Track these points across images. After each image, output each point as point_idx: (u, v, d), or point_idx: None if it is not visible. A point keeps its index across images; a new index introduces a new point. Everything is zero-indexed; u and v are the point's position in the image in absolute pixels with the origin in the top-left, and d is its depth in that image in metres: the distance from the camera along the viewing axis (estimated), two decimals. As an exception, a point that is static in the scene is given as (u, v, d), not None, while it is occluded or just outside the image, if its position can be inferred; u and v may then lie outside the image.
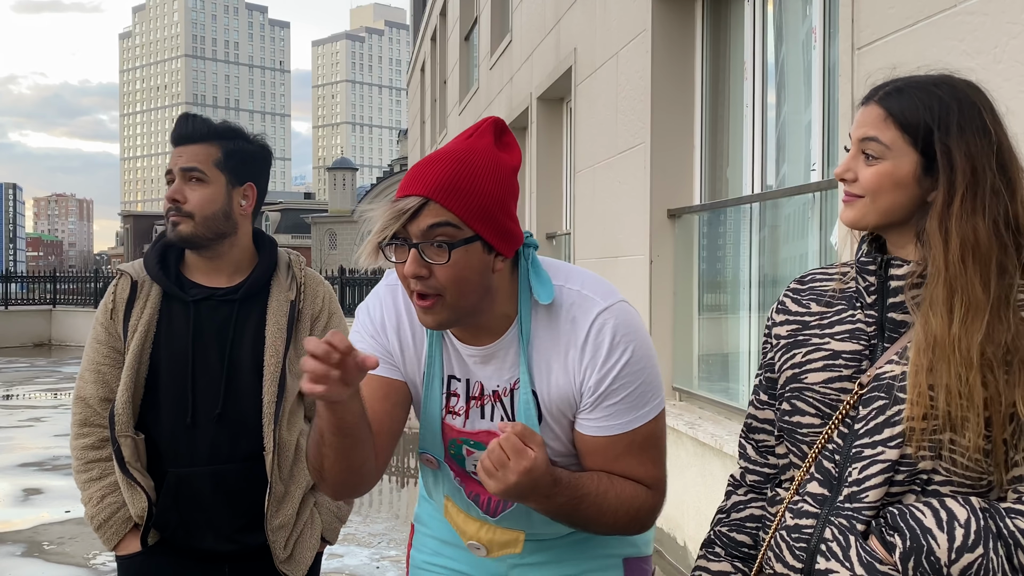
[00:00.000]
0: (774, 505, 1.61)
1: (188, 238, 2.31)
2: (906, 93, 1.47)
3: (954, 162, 1.42)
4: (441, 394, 1.84)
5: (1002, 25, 2.81)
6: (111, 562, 5.66)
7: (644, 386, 1.76)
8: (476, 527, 1.93)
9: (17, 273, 27.42)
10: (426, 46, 23.11)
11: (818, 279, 1.64)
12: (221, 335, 2.32)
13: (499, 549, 1.93)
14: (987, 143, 1.42)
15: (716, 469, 4.81)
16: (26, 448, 9.66)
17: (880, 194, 1.47)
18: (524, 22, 10.64)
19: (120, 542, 2.35)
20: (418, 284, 1.66)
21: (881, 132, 1.47)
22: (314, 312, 2.44)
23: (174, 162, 2.32)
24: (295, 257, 2.49)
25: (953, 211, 1.41)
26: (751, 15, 5.34)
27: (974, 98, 1.46)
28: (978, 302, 1.38)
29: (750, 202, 5.24)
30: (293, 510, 2.37)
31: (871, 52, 3.47)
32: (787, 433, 1.58)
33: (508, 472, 1.58)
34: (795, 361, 1.57)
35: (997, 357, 1.36)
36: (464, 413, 1.83)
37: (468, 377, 1.82)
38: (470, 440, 1.83)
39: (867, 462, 1.43)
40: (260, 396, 2.31)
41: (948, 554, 1.34)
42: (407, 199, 1.64)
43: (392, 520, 7.01)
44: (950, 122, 1.43)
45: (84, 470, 2.36)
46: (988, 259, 1.39)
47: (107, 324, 2.35)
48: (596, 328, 1.75)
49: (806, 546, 1.48)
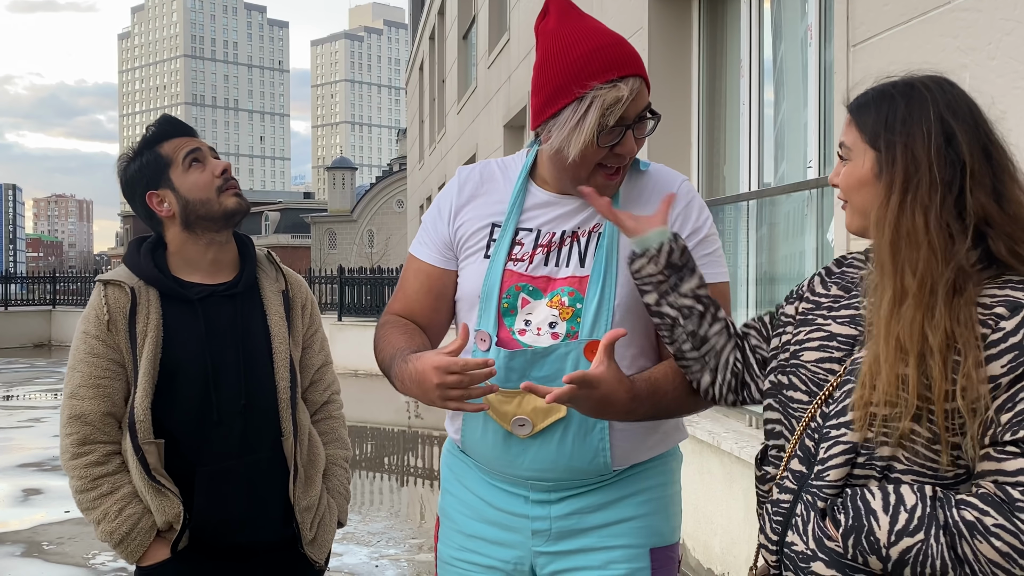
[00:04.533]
0: (765, 483, 1.66)
1: (245, 209, 2.38)
2: (868, 95, 1.56)
3: (894, 156, 1.48)
4: (510, 243, 1.94)
5: (996, 22, 2.81)
6: (111, 562, 5.67)
7: (720, 251, 1.98)
8: (518, 402, 1.88)
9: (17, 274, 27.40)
10: (424, 45, 23.12)
11: (854, 264, 1.69)
12: (232, 329, 2.34)
13: (543, 418, 1.88)
14: (932, 137, 1.46)
15: (714, 467, 4.81)
16: (26, 448, 9.68)
17: (851, 194, 1.56)
18: (522, 20, 10.64)
19: (146, 553, 2.27)
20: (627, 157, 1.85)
21: (847, 135, 1.57)
22: (302, 300, 2.52)
23: (195, 144, 2.37)
24: (269, 251, 2.57)
25: (891, 203, 1.47)
26: (747, 13, 5.34)
27: (927, 93, 1.50)
28: (905, 290, 1.42)
29: (747, 199, 5.25)
30: (316, 492, 2.42)
31: (866, 49, 3.47)
32: (783, 404, 1.62)
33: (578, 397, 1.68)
34: (799, 338, 1.63)
35: (938, 344, 1.39)
36: (528, 259, 1.92)
37: (541, 228, 1.94)
38: (528, 286, 1.91)
39: (832, 442, 1.49)
40: (274, 384, 2.35)
41: (888, 536, 1.39)
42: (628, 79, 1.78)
43: (391, 519, 7.01)
44: (895, 119, 1.49)
45: (92, 488, 2.24)
46: (919, 247, 1.43)
47: (104, 337, 2.27)
48: (685, 189, 1.97)
49: (781, 519, 1.55)
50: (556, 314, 1.89)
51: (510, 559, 1.98)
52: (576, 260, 1.90)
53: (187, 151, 2.34)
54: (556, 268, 1.90)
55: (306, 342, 2.52)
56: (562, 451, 1.89)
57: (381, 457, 9.97)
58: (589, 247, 1.90)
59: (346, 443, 2.60)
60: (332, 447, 2.55)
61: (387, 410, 12.91)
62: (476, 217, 1.99)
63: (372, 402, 13.01)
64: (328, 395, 2.59)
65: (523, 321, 1.89)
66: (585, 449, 1.89)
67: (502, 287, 1.91)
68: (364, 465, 9.25)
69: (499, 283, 1.91)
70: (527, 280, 1.91)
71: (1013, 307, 1.40)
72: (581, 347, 1.87)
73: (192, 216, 2.33)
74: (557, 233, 1.92)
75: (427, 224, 2.05)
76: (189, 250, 2.36)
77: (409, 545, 6.11)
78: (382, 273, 19.50)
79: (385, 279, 19.07)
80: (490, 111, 13.30)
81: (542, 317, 1.89)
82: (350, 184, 60.49)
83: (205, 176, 2.34)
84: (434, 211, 2.05)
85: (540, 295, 1.89)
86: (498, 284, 1.91)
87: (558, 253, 1.91)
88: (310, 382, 2.54)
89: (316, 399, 2.55)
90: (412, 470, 9.34)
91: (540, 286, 1.90)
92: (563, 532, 1.94)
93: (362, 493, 8.01)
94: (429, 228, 2.05)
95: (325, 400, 2.58)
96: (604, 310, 1.87)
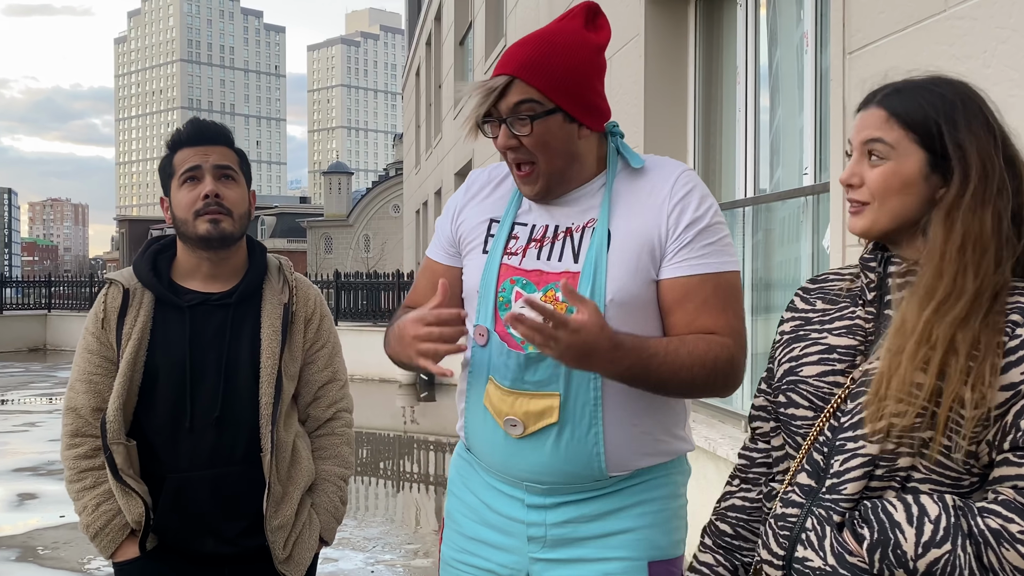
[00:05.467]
0: (770, 500, 1.63)
1: (229, 235, 2.31)
2: (906, 93, 1.48)
3: (967, 156, 1.42)
4: (507, 238, 1.98)
5: (991, 30, 2.82)
6: (105, 567, 5.66)
7: (727, 239, 1.91)
8: (511, 401, 1.89)
9: (12, 278, 27.36)
10: (421, 50, 23.13)
11: (831, 279, 1.66)
12: (218, 339, 2.32)
13: (535, 422, 1.88)
14: (992, 138, 1.44)
15: (710, 472, 4.81)
16: (20, 453, 9.65)
17: (888, 196, 1.47)
18: (518, 26, 10.65)
19: (117, 549, 2.33)
20: (512, 154, 1.88)
21: (885, 133, 1.47)
22: (307, 314, 2.46)
23: (200, 159, 2.30)
24: (285, 261, 2.51)
25: (964, 203, 1.41)
26: (744, 19, 5.35)
27: (973, 95, 1.48)
28: (963, 289, 1.39)
29: (743, 206, 5.26)
30: (292, 511, 2.38)
31: (862, 56, 3.48)
32: (783, 424, 1.60)
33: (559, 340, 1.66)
34: (793, 355, 1.59)
35: (965, 345, 1.37)
36: (521, 252, 1.95)
37: (535, 222, 1.97)
38: (522, 279, 1.93)
39: (848, 455, 1.45)
40: (257, 398, 2.31)
41: (915, 548, 1.35)
42: (496, 79, 1.85)
43: (387, 524, 7.00)
44: (957, 118, 1.44)
45: (77, 479, 2.33)
46: (986, 250, 1.40)
47: (98, 334, 2.34)
48: (683, 180, 1.91)
49: (789, 534, 1.50)
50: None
51: (507, 564, 1.98)
52: (570, 255, 1.90)
53: (187, 167, 2.31)
54: (548, 262, 1.91)
55: (310, 357, 2.47)
56: (556, 454, 1.88)
57: (377, 462, 9.96)
58: (583, 243, 1.90)
59: (346, 461, 2.54)
60: (327, 463, 2.50)
61: (383, 415, 12.91)
62: (476, 213, 2.04)
63: (368, 407, 12.99)
64: (333, 412, 2.53)
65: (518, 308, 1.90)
66: (579, 452, 1.88)
67: (498, 281, 1.94)
68: (360, 470, 9.23)
69: (495, 277, 1.94)
70: (520, 273, 1.93)
71: None
72: None
73: (179, 231, 2.36)
74: (551, 227, 1.94)
75: (437, 224, 2.13)
76: (188, 259, 2.38)
77: (405, 551, 6.09)
78: (378, 278, 19.49)
79: (381, 284, 19.07)
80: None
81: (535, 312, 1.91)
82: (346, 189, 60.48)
83: (191, 196, 2.30)
84: (444, 211, 2.12)
85: (534, 289, 1.91)
86: (495, 278, 1.94)
87: (551, 247, 1.93)
88: (313, 398, 2.50)
89: (319, 415, 2.51)
90: (408, 475, 9.33)
91: (533, 279, 1.91)
92: (559, 540, 1.93)
93: (358, 498, 8.00)
94: (438, 228, 2.12)
95: (329, 417, 2.52)
96: None
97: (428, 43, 21.59)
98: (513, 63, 1.84)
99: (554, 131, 1.85)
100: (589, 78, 1.89)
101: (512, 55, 1.86)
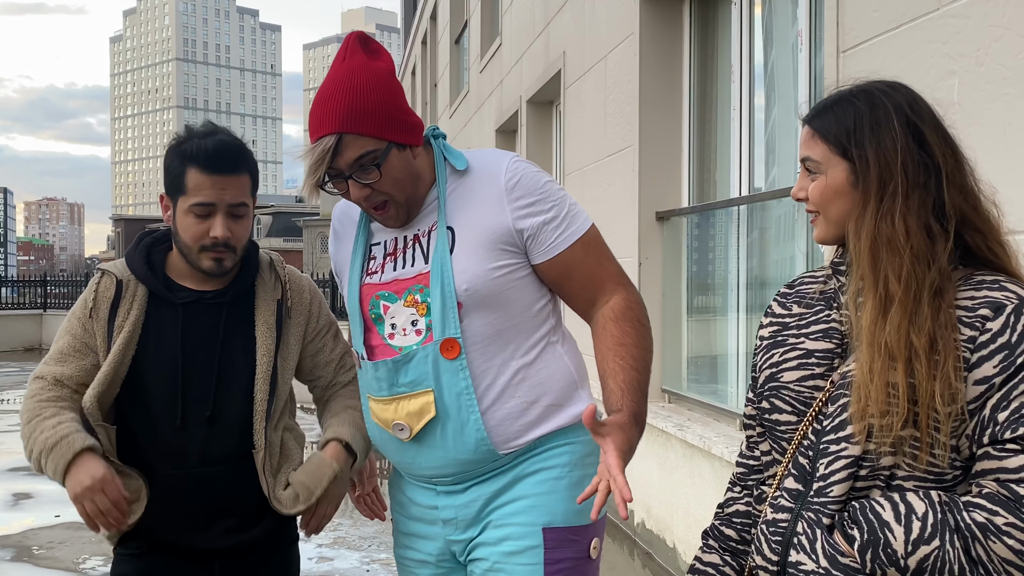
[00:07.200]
0: (760, 503, 1.65)
1: (230, 269, 2.30)
2: (828, 109, 1.57)
3: (868, 166, 1.49)
4: (363, 261, 2.11)
5: (984, 28, 2.83)
6: (101, 567, 5.66)
7: (572, 202, 2.06)
8: (393, 408, 2.03)
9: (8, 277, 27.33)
10: (416, 49, 23.13)
11: (805, 282, 1.70)
12: (211, 338, 2.31)
13: (418, 420, 2.00)
14: (901, 143, 1.47)
15: (705, 471, 4.82)
16: (16, 452, 9.64)
17: (827, 206, 1.56)
18: (514, 25, 10.66)
19: (75, 458, 2.13)
20: (367, 201, 1.98)
21: (812, 150, 1.58)
22: (305, 306, 2.43)
23: (216, 195, 2.20)
24: (276, 257, 2.49)
25: (868, 211, 1.48)
26: (738, 18, 5.36)
27: (888, 100, 1.51)
28: (890, 296, 1.43)
29: (738, 204, 5.26)
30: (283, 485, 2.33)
31: (856, 55, 3.49)
32: (768, 430, 1.62)
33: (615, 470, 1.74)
34: (773, 361, 1.62)
35: (923, 348, 1.40)
36: (380, 269, 2.07)
37: (386, 238, 2.09)
38: (385, 292, 2.05)
39: (832, 458, 1.47)
40: (251, 395, 2.30)
41: (904, 546, 1.38)
42: (323, 140, 1.89)
43: (382, 523, 6.99)
44: (863, 129, 1.50)
45: (34, 415, 2.21)
46: (901, 253, 1.43)
47: (84, 320, 2.30)
48: (511, 169, 2.01)
49: (781, 539, 1.53)
50: (415, 312, 2.02)
51: (433, 551, 2.12)
52: (420, 259, 2.02)
53: (199, 201, 2.20)
54: (404, 270, 2.03)
55: (319, 342, 2.45)
56: (445, 447, 2.00)
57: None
58: (430, 245, 2.01)
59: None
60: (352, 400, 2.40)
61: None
62: (342, 249, 2.21)
63: (364, 406, 12.98)
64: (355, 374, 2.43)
65: (390, 325, 2.04)
66: (465, 440, 1.99)
67: (362, 302, 2.07)
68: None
69: (357, 300, 2.08)
70: (382, 287, 2.05)
71: (996, 307, 1.41)
72: (437, 348, 1.97)
73: (178, 245, 2.32)
74: (400, 238, 2.06)
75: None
76: (181, 261, 2.35)
77: (400, 549, 6.10)
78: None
79: (377, 283, 19.04)
80: (482, 115, 13.31)
81: (404, 318, 2.02)
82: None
83: (199, 230, 2.22)
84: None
85: (395, 298, 2.03)
86: (356, 301, 2.08)
87: (403, 256, 2.05)
88: (338, 366, 2.46)
89: (343, 379, 2.47)
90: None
91: (393, 290, 2.04)
92: (469, 520, 2.05)
93: (353, 497, 7.99)
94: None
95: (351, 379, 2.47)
96: (448, 302, 1.96)
97: (424, 42, 21.58)
98: (333, 120, 1.89)
99: (396, 165, 1.95)
100: (398, 102, 1.96)
101: (325, 113, 1.90)
